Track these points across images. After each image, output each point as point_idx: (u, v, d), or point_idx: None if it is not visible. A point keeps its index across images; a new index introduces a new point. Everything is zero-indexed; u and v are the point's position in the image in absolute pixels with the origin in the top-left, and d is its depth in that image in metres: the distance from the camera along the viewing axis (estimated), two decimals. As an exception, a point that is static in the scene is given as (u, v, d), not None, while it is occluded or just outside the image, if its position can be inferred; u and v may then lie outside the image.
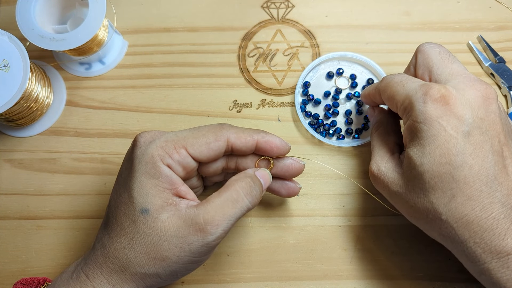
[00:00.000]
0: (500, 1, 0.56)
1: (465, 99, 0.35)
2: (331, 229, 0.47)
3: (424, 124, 0.35)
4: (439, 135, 0.34)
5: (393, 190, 0.38)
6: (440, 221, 0.35)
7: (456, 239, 0.35)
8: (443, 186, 0.34)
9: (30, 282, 0.40)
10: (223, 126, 0.38)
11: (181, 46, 0.55)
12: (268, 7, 0.56)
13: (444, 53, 0.39)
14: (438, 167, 0.34)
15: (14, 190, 0.49)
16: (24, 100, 0.48)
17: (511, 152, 0.36)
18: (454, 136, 0.34)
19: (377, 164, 0.40)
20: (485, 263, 0.34)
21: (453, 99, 0.35)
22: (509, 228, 0.33)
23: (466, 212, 0.34)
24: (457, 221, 0.34)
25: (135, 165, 0.36)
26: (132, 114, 0.52)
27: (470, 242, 0.34)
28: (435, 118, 0.35)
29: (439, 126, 0.35)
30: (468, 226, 0.34)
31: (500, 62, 0.52)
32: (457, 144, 0.34)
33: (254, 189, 0.37)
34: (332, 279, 0.45)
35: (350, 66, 0.52)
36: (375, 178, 0.40)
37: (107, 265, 0.35)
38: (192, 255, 0.34)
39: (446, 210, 0.34)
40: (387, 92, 0.40)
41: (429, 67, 0.39)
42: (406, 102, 0.37)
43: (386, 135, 0.42)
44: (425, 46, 0.40)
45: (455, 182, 0.34)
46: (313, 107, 0.51)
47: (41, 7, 0.49)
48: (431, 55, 0.39)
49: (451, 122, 0.34)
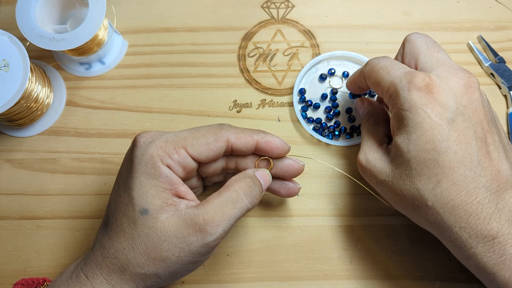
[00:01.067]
0: (500, 1, 0.56)
1: (449, 87, 0.36)
2: (331, 229, 0.47)
3: (409, 111, 0.36)
4: (424, 122, 0.35)
5: (380, 179, 0.39)
6: (426, 207, 0.36)
7: (442, 224, 0.35)
8: (429, 172, 0.35)
9: (30, 282, 0.40)
10: (223, 126, 0.38)
11: (181, 46, 0.55)
12: (268, 7, 0.56)
13: (430, 43, 0.40)
14: (423, 153, 0.35)
15: (14, 190, 0.49)
16: (24, 100, 0.48)
17: (494, 139, 0.37)
18: (438, 123, 0.35)
19: (365, 154, 0.41)
20: (472, 247, 0.34)
21: (437, 88, 0.36)
22: (494, 212, 0.34)
23: (451, 197, 0.35)
24: (443, 206, 0.35)
25: (134, 165, 0.36)
26: (132, 114, 0.52)
27: (456, 227, 0.35)
28: (420, 105, 0.35)
29: (424, 113, 0.35)
30: (454, 211, 0.35)
31: (500, 62, 0.52)
32: (441, 131, 0.35)
33: (254, 189, 0.37)
34: (332, 279, 0.45)
35: (350, 65, 0.52)
36: (363, 168, 0.41)
37: (106, 265, 0.35)
38: (192, 255, 0.34)
39: (432, 195, 0.35)
40: (372, 77, 0.40)
41: (416, 55, 0.40)
42: (392, 90, 0.38)
43: (376, 126, 0.43)
44: (412, 36, 0.41)
45: (440, 168, 0.35)
46: (313, 112, 0.51)
47: (41, 7, 0.49)
48: (417, 44, 0.40)
49: (436, 110, 0.35)
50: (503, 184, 0.35)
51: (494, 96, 0.51)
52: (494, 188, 0.35)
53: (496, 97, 0.51)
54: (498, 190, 0.35)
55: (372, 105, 0.46)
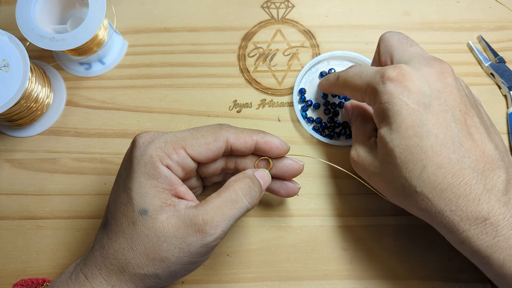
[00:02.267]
0: (500, 1, 0.56)
1: (421, 74, 0.37)
2: (331, 229, 0.47)
3: (388, 103, 0.37)
4: (402, 110, 0.36)
5: (371, 171, 0.40)
6: (416, 193, 0.36)
7: (433, 210, 0.35)
8: (413, 158, 0.35)
9: (29, 282, 0.40)
10: (223, 126, 0.38)
11: (181, 46, 0.55)
12: (268, 7, 0.56)
13: (403, 39, 0.42)
14: (406, 140, 0.36)
15: (14, 190, 0.49)
16: (24, 100, 0.48)
17: (474, 121, 0.37)
18: (416, 109, 0.36)
19: (356, 149, 0.42)
20: (464, 231, 0.34)
21: (409, 75, 0.37)
22: (483, 193, 0.34)
23: (438, 181, 0.35)
24: (431, 190, 0.35)
25: (134, 165, 0.36)
26: (132, 114, 0.52)
27: (447, 210, 0.35)
28: (396, 95, 0.36)
29: (400, 102, 0.36)
30: (443, 194, 0.35)
31: (500, 62, 0.52)
32: (420, 116, 0.36)
33: (253, 189, 0.37)
34: (332, 279, 0.45)
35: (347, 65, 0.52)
36: (355, 162, 0.42)
37: (106, 265, 0.35)
38: (191, 255, 0.34)
39: (420, 181, 0.35)
40: (348, 87, 0.42)
41: (391, 52, 0.41)
42: (369, 90, 0.39)
43: (364, 123, 0.44)
44: (386, 34, 0.43)
45: (424, 153, 0.35)
46: (313, 111, 0.51)
47: (41, 7, 0.49)
48: (391, 41, 0.42)
49: (411, 97, 0.36)
50: (489, 165, 0.35)
51: (494, 96, 0.51)
52: (480, 169, 0.35)
53: (496, 97, 0.51)
54: (484, 171, 0.35)
55: (359, 106, 0.47)
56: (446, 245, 0.45)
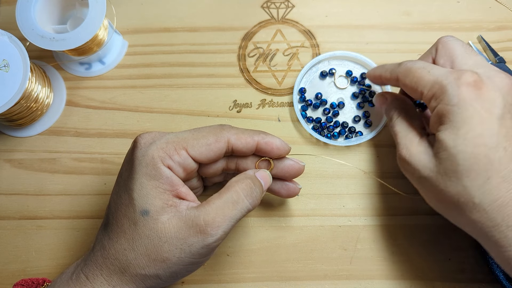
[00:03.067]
0: (500, 1, 0.56)
1: (495, 85, 0.36)
2: (331, 229, 0.47)
3: (457, 107, 0.35)
4: (473, 117, 0.35)
5: (423, 174, 0.38)
6: (473, 204, 0.35)
7: (488, 223, 0.34)
8: (478, 168, 0.34)
9: (30, 283, 0.40)
10: (224, 127, 0.38)
11: (181, 46, 0.54)
12: (268, 7, 0.56)
13: (467, 46, 0.41)
14: (472, 148, 0.34)
15: (14, 190, 0.49)
16: (24, 100, 0.48)
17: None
18: (488, 118, 0.35)
19: (407, 148, 0.39)
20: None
21: (486, 84, 0.36)
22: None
23: (500, 195, 0.34)
24: (491, 203, 0.34)
25: (135, 166, 0.36)
26: (132, 114, 0.52)
27: (503, 225, 0.34)
28: (469, 101, 0.35)
29: (473, 108, 0.35)
30: (502, 209, 0.34)
31: (500, 62, 0.52)
32: (491, 126, 0.34)
33: (255, 190, 0.37)
34: (332, 279, 0.45)
35: (350, 65, 0.52)
36: (405, 162, 0.39)
37: (107, 266, 0.35)
38: (192, 256, 0.34)
39: (480, 192, 0.34)
40: (409, 77, 0.40)
41: (452, 57, 0.40)
42: (436, 87, 0.37)
43: (410, 119, 0.42)
44: (448, 38, 0.41)
45: (491, 164, 0.34)
46: (313, 111, 0.51)
47: (41, 7, 0.49)
48: (454, 46, 0.40)
49: (485, 105, 0.35)
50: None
51: (494, 96, 0.51)
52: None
53: (496, 97, 0.51)
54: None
55: (399, 100, 0.44)
56: (446, 245, 0.45)
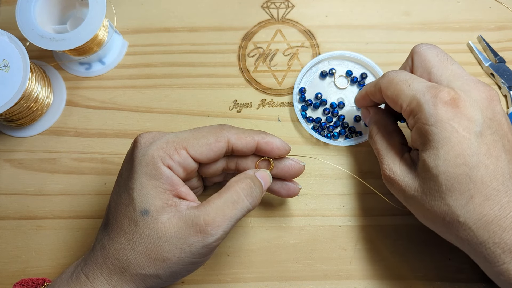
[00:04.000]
0: (500, 1, 0.56)
1: (473, 100, 0.35)
2: (331, 229, 0.47)
3: (435, 126, 0.35)
4: (452, 137, 0.34)
5: (409, 194, 0.38)
6: (458, 223, 0.35)
7: (475, 241, 0.34)
8: (460, 187, 0.34)
9: (30, 283, 0.40)
10: (224, 127, 0.38)
11: (181, 46, 0.54)
12: (268, 7, 0.56)
13: (442, 55, 0.39)
14: (453, 168, 0.34)
15: (14, 190, 0.49)
16: (24, 100, 0.48)
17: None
18: (467, 137, 0.34)
19: (391, 167, 0.39)
20: (504, 263, 0.33)
21: (463, 101, 0.35)
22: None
23: (485, 213, 0.34)
24: (476, 222, 0.34)
25: (135, 166, 0.36)
26: (132, 114, 0.52)
27: (490, 243, 0.34)
28: (447, 120, 0.35)
29: (451, 128, 0.34)
30: (487, 226, 0.34)
31: (500, 62, 0.52)
32: (471, 145, 0.34)
33: (255, 190, 0.37)
34: (332, 279, 0.45)
35: (350, 65, 0.52)
36: (391, 181, 0.39)
37: (107, 266, 0.35)
38: (192, 256, 0.34)
39: (464, 211, 0.34)
40: (390, 90, 0.39)
41: (428, 68, 0.39)
42: (414, 104, 0.37)
43: (390, 136, 0.42)
44: (422, 48, 0.40)
45: (473, 183, 0.34)
46: (313, 111, 0.51)
47: (41, 7, 0.49)
48: (429, 57, 0.39)
49: (463, 124, 0.34)
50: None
51: (494, 96, 0.51)
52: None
53: (496, 97, 0.51)
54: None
55: (379, 114, 0.44)
56: (446, 245, 0.45)
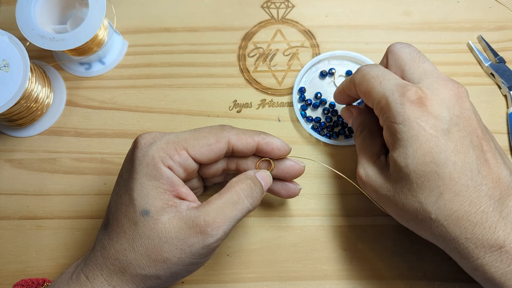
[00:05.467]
0: (500, 1, 0.56)
1: (440, 98, 0.36)
2: (331, 229, 0.47)
3: (403, 125, 0.36)
4: (419, 135, 0.35)
5: (381, 194, 0.38)
6: (430, 220, 0.35)
7: (448, 236, 0.35)
8: (430, 184, 0.35)
9: (30, 283, 0.40)
10: (224, 127, 0.38)
11: (181, 46, 0.54)
12: (268, 7, 0.56)
13: (415, 53, 0.40)
14: (422, 166, 0.35)
15: (14, 190, 0.49)
16: (24, 100, 0.48)
17: (490, 146, 0.37)
18: (434, 135, 0.35)
19: (364, 168, 0.40)
20: (478, 258, 0.34)
21: (429, 100, 0.36)
22: (499, 221, 0.34)
23: (455, 209, 0.34)
24: (447, 218, 0.34)
25: (135, 166, 0.36)
26: (132, 114, 0.52)
27: (462, 238, 0.34)
28: (414, 119, 0.35)
29: (418, 126, 0.35)
30: (459, 222, 0.34)
31: (500, 62, 0.52)
32: (438, 142, 0.35)
33: (255, 190, 0.37)
34: (332, 279, 0.45)
35: (350, 65, 0.52)
36: (364, 182, 0.40)
37: (107, 266, 0.35)
38: (192, 256, 0.34)
39: (435, 208, 0.35)
40: (363, 85, 0.40)
41: (401, 66, 0.40)
42: (383, 102, 0.37)
43: (371, 137, 0.42)
44: (396, 47, 0.41)
45: (441, 180, 0.34)
46: (312, 111, 0.51)
47: (41, 7, 0.49)
48: (402, 55, 0.40)
49: (430, 122, 0.35)
50: (505, 191, 0.35)
51: (494, 96, 0.52)
52: (497, 196, 0.34)
53: (496, 97, 0.52)
54: (501, 198, 0.34)
55: (363, 114, 0.44)
56: (446, 245, 0.45)
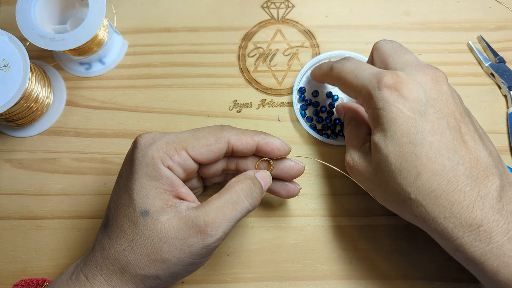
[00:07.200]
0: (500, 1, 0.56)
1: (416, 82, 0.37)
2: (331, 229, 0.47)
3: (383, 109, 0.37)
4: (397, 118, 0.36)
5: (366, 177, 0.40)
6: (410, 200, 0.36)
7: (427, 216, 0.36)
8: (408, 165, 0.36)
9: (29, 283, 0.40)
10: (224, 127, 0.38)
11: (181, 46, 0.54)
12: (268, 7, 0.56)
13: (397, 46, 0.42)
14: (400, 147, 0.36)
15: (14, 190, 0.49)
16: (24, 100, 0.48)
17: (469, 128, 0.37)
18: (411, 116, 0.36)
19: (351, 154, 0.42)
20: (458, 238, 0.34)
21: (406, 83, 0.37)
22: (476, 200, 0.34)
23: (433, 188, 0.35)
24: (426, 197, 0.35)
25: (135, 166, 0.36)
26: (132, 114, 0.52)
27: (441, 217, 0.35)
28: (392, 102, 0.37)
29: (396, 109, 0.36)
30: (437, 201, 0.35)
31: (500, 62, 0.52)
32: (415, 123, 0.36)
33: (254, 190, 0.37)
34: (332, 279, 0.45)
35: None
36: (350, 167, 0.42)
37: (106, 266, 0.35)
38: (192, 257, 0.34)
39: (414, 188, 0.35)
40: (341, 82, 0.42)
41: (385, 60, 0.42)
42: (364, 92, 0.39)
43: (357, 127, 0.44)
44: (380, 43, 0.43)
45: (418, 160, 0.35)
46: (312, 111, 0.51)
47: (41, 7, 0.49)
48: (385, 49, 0.42)
49: (407, 104, 0.36)
50: (483, 171, 0.35)
51: (494, 96, 0.52)
52: (475, 176, 0.35)
53: (496, 97, 0.52)
54: (478, 178, 0.35)
55: (352, 109, 0.46)
56: (446, 245, 0.45)
